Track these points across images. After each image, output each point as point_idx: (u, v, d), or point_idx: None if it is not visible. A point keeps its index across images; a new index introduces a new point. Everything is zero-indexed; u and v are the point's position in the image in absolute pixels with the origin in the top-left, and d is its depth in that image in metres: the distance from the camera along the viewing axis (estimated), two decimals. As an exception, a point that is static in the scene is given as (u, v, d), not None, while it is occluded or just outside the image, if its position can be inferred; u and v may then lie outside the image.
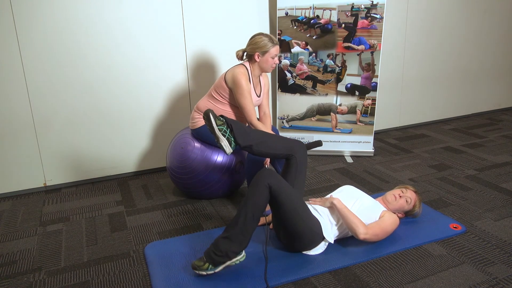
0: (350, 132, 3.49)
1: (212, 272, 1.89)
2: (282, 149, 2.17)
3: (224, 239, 1.87)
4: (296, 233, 1.98)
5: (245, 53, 2.58)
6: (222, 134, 2.06)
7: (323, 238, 2.06)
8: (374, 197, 2.45)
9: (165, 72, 3.13)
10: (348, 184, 2.76)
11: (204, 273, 1.89)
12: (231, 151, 2.09)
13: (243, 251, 1.93)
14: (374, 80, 3.36)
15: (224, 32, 3.26)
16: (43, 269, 2.05)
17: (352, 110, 3.45)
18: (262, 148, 2.14)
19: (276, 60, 2.54)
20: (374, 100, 3.40)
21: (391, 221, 2.12)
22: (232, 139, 2.09)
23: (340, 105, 3.44)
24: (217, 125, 2.06)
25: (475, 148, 3.64)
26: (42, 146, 2.91)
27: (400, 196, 2.28)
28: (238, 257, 1.92)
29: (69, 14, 2.76)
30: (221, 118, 2.10)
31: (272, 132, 2.54)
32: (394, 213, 2.29)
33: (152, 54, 3.05)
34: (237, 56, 2.59)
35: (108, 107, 3.02)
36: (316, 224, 2.02)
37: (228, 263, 1.90)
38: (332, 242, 2.07)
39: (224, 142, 2.07)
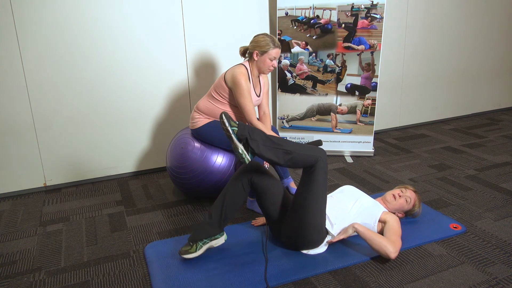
0: (350, 132, 3.49)
1: (230, 132, 1.90)
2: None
3: (260, 135, 1.93)
4: (305, 221, 1.96)
5: (247, 51, 2.58)
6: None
7: (323, 240, 2.06)
8: (374, 197, 2.45)
9: (165, 72, 3.13)
10: (348, 184, 2.76)
11: (227, 124, 1.90)
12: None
13: (251, 158, 1.92)
14: (374, 80, 3.36)
15: (224, 32, 3.26)
16: (43, 269, 2.05)
17: (352, 110, 3.45)
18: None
19: (275, 63, 2.53)
20: (374, 100, 3.40)
21: (398, 224, 2.10)
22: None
23: (340, 105, 3.44)
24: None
25: (475, 148, 3.64)
26: (42, 146, 2.92)
27: (400, 196, 2.28)
28: (247, 156, 1.91)
29: (69, 14, 2.76)
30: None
31: (271, 132, 2.54)
32: (394, 213, 2.29)
33: (152, 54, 3.05)
34: (239, 51, 2.60)
35: (108, 107, 3.02)
36: (324, 224, 2.03)
37: (240, 147, 1.90)
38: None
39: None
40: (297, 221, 1.99)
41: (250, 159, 1.93)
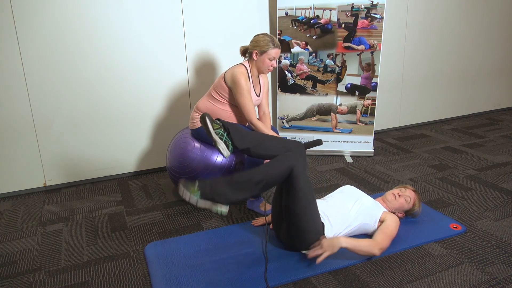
0: (350, 132, 3.49)
1: (195, 201, 1.90)
2: (280, 150, 2.13)
3: (224, 183, 1.91)
4: (300, 228, 1.97)
5: (247, 51, 2.58)
6: (219, 138, 2.07)
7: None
8: (374, 197, 2.45)
9: (165, 72, 3.13)
10: (348, 184, 2.76)
11: (188, 195, 1.90)
12: (229, 154, 2.10)
13: (228, 207, 1.94)
14: (374, 80, 3.36)
15: (224, 32, 3.26)
16: (43, 269, 2.05)
17: (352, 110, 3.45)
18: (260, 150, 2.12)
19: (274, 63, 2.53)
20: (374, 100, 3.40)
21: (395, 225, 2.12)
22: (230, 142, 2.09)
23: (340, 105, 3.44)
24: (213, 129, 2.07)
25: (475, 148, 3.64)
26: (42, 146, 2.91)
27: (399, 195, 2.29)
28: (222, 208, 1.93)
29: (69, 14, 2.76)
30: (218, 122, 2.10)
31: (271, 132, 2.54)
32: (394, 213, 2.29)
33: (152, 54, 3.05)
34: (239, 51, 2.61)
35: (108, 107, 3.02)
36: (321, 225, 2.03)
37: (211, 205, 1.92)
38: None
39: (221, 146, 2.07)
40: (293, 229, 2.00)
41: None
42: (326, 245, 1.92)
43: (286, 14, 3.30)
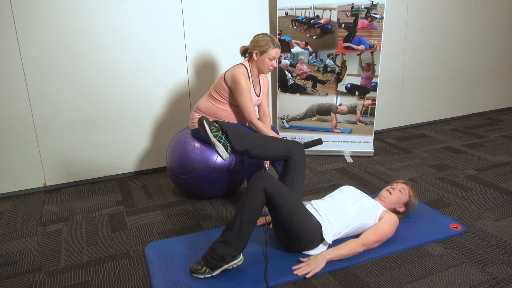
0: (350, 132, 3.49)
1: (210, 275, 1.90)
2: (279, 150, 2.15)
3: (220, 243, 1.88)
4: (294, 234, 1.98)
5: (247, 51, 2.59)
6: (218, 140, 2.06)
7: (322, 239, 2.05)
8: (373, 197, 2.45)
9: (165, 72, 3.13)
10: (348, 184, 2.76)
11: (202, 276, 1.89)
12: (228, 156, 2.08)
13: (241, 254, 1.93)
14: (374, 80, 3.36)
15: (224, 32, 3.26)
16: (43, 269, 2.05)
17: (352, 110, 3.45)
18: (259, 151, 2.11)
19: (274, 63, 2.53)
20: (374, 100, 3.40)
21: (390, 223, 2.12)
22: (228, 144, 2.09)
23: (340, 105, 3.44)
24: (211, 132, 2.05)
25: (475, 148, 3.64)
26: (42, 146, 2.91)
27: (394, 189, 2.32)
28: (235, 261, 1.91)
29: (68, 14, 2.76)
30: (216, 124, 2.09)
31: (272, 132, 2.54)
32: (395, 208, 2.30)
33: (152, 54, 3.05)
34: (239, 51, 2.61)
35: (108, 107, 3.02)
36: (316, 225, 2.02)
37: (225, 266, 1.90)
38: (331, 242, 2.07)
39: (220, 148, 2.06)
40: (289, 235, 2.00)
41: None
42: (312, 263, 1.95)
43: (286, 14, 3.30)
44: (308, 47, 3.35)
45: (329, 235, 2.06)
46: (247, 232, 1.87)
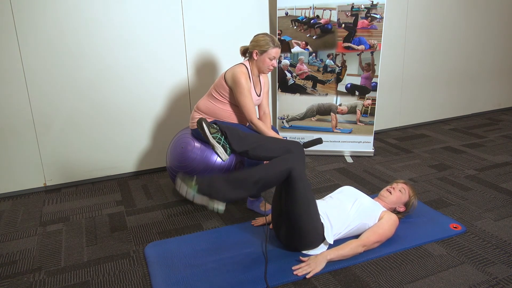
0: (350, 132, 3.49)
1: (191, 196, 1.88)
2: (279, 151, 2.12)
3: (222, 180, 1.90)
4: (299, 228, 1.97)
5: (247, 51, 2.59)
6: (217, 142, 2.07)
7: (323, 240, 2.06)
8: (373, 198, 2.45)
9: (165, 72, 3.13)
10: (348, 184, 2.76)
11: (185, 190, 1.88)
12: (227, 157, 2.10)
13: (224, 205, 1.92)
14: (374, 80, 3.36)
15: (224, 32, 3.26)
16: (43, 269, 2.05)
17: (352, 110, 3.45)
18: (258, 152, 2.11)
19: (274, 63, 2.53)
20: (374, 100, 3.40)
21: (390, 223, 2.12)
22: (227, 145, 2.09)
23: (340, 105, 3.44)
24: (210, 133, 2.06)
25: (475, 148, 3.64)
26: (42, 146, 2.91)
27: (394, 188, 2.32)
28: (216, 205, 1.91)
29: (69, 14, 2.76)
30: (215, 126, 2.10)
31: (272, 132, 2.54)
32: (395, 208, 2.30)
33: (152, 54, 3.05)
34: (240, 51, 2.61)
35: (108, 107, 3.02)
36: (320, 225, 2.03)
37: (207, 200, 1.89)
38: (332, 243, 2.07)
39: (219, 150, 2.07)
40: (293, 230, 2.00)
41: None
42: (313, 263, 1.95)
43: (286, 14, 3.30)
44: (308, 47, 3.35)
45: (330, 236, 2.06)
46: (247, 190, 1.90)
